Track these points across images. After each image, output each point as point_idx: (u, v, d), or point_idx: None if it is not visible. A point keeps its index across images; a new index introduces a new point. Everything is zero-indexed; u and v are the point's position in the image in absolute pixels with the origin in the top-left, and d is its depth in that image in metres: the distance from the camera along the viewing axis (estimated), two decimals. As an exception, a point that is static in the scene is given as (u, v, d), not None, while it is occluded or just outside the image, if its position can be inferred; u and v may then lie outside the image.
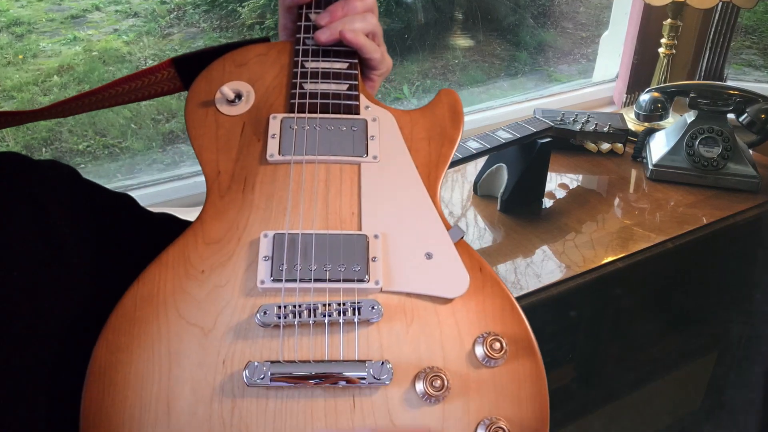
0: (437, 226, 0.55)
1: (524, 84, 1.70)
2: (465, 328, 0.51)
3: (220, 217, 0.54)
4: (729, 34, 1.45)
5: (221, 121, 0.59)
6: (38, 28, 1.31)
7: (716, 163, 1.20)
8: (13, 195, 0.52)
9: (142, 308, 0.49)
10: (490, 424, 0.47)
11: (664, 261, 1.08)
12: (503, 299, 0.53)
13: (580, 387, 1.20)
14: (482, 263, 0.54)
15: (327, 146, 0.58)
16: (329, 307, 0.50)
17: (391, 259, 0.53)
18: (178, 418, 0.46)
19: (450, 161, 0.60)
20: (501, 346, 0.49)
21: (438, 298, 0.52)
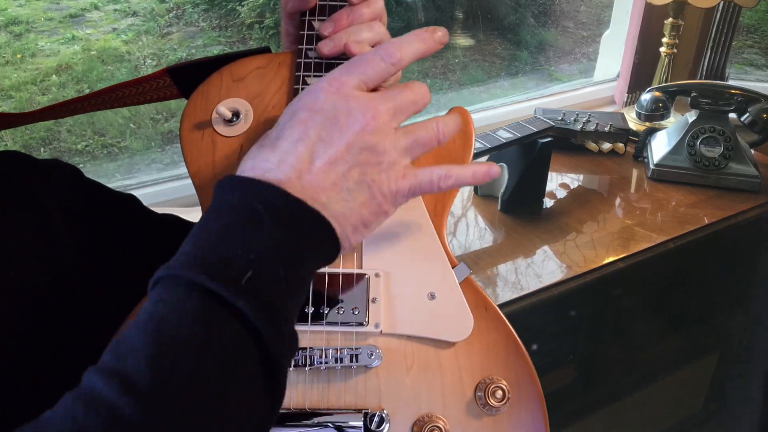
0: (442, 264, 0.53)
1: (525, 83, 1.70)
2: (467, 373, 0.50)
3: None
4: (730, 33, 1.45)
5: (218, 142, 0.56)
6: (37, 27, 1.31)
7: (718, 163, 1.19)
8: (14, 195, 0.52)
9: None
10: None
11: (666, 261, 1.08)
12: (508, 341, 0.51)
13: (580, 388, 1.20)
14: (487, 302, 0.53)
15: None
16: (326, 354, 0.49)
17: (392, 300, 0.51)
18: None
19: (456, 194, 0.57)
20: (503, 395, 0.48)
21: (440, 341, 0.50)
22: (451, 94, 1.55)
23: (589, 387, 1.22)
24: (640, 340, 1.26)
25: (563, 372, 1.16)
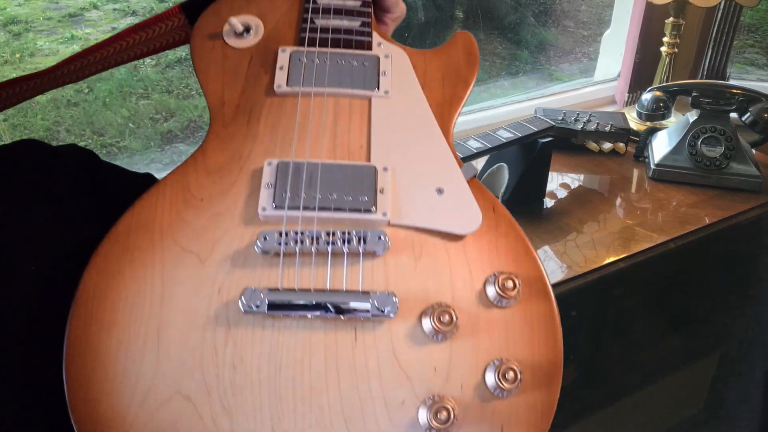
0: (449, 161, 0.53)
1: (525, 83, 1.69)
2: (476, 266, 0.49)
3: (223, 146, 0.53)
4: (731, 32, 1.44)
5: (228, 53, 0.58)
6: (35, 26, 1.31)
7: (719, 163, 1.19)
8: (36, 182, 0.53)
9: (136, 235, 0.48)
10: (500, 365, 0.45)
11: (666, 261, 1.07)
12: (517, 240, 0.51)
13: (581, 388, 1.19)
14: (496, 203, 0.53)
15: (337, 79, 0.57)
16: (333, 235, 0.47)
17: (400, 192, 0.51)
18: (169, 345, 0.44)
19: (463, 103, 0.59)
20: (514, 285, 0.47)
21: (448, 234, 0.50)
22: (451, 94, 1.55)
23: (590, 387, 1.22)
24: (641, 341, 1.25)
25: (564, 372, 1.15)
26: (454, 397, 0.45)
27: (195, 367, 0.44)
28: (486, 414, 0.45)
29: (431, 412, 0.43)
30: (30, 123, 1.22)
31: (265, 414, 0.43)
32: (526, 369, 0.46)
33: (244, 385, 0.44)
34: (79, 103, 1.25)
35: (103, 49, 0.61)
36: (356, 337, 0.46)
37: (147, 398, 0.43)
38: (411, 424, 0.44)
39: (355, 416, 0.44)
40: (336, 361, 0.45)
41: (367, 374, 0.45)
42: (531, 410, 0.45)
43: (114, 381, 0.43)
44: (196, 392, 0.43)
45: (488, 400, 0.45)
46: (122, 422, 0.42)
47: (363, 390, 0.44)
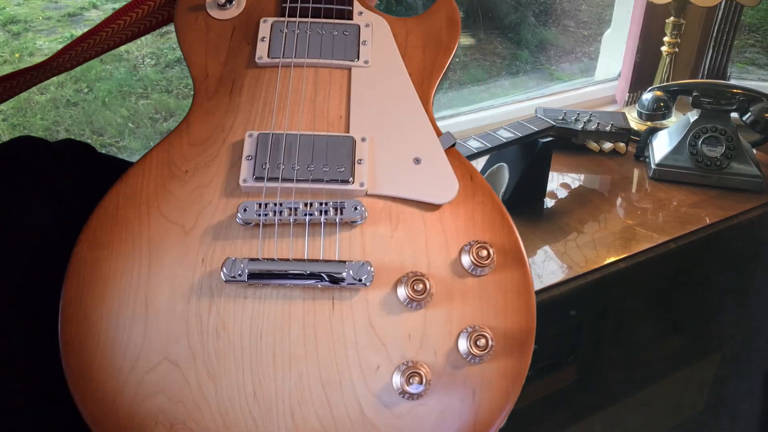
0: (427, 131, 0.54)
1: (526, 83, 1.69)
2: (452, 235, 0.50)
3: (206, 118, 0.54)
4: (732, 32, 1.44)
5: (211, 24, 0.59)
6: (35, 26, 1.31)
7: (719, 163, 1.19)
8: (34, 177, 0.53)
9: (124, 207, 0.50)
10: (472, 332, 0.46)
11: (667, 261, 1.07)
12: (494, 209, 0.52)
13: (581, 389, 1.19)
14: (473, 171, 0.53)
15: (317, 50, 0.57)
16: (311, 206, 0.49)
17: (377, 163, 0.52)
18: (156, 313, 0.46)
19: (445, 71, 0.59)
20: (488, 254, 0.48)
21: (425, 203, 0.51)
22: (451, 93, 1.55)
23: (590, 388, 1.22)
24: (642, 341, 1.25)
25: (564, 373, 1.15)
26: (427, 363, 0.46)
27: (181, 334, 0.46)
28: (458, 379, 0.46)
29: (405, 377, 0.45)
30: (29, 123, 1.21)
31: (246, 378, 0.45)
32: (499, 336, 0.47)
33: (227, 351, 0.46)
34: (79, 103, 1.25)
35: (95, 35, 0.61)
36: (333, 305, 0.47)
37: (137, 364, 0.45)
38: (386, 388, 0.45)
39: (332, 381, 0.45)
40: (314, 329, 0.47)
41: (343, 341, 0.46)
42: (502, 376, 0.47)
43: (106, 348, 0.45)
44: (183, 358, 0.45)
45: (461, 366, 0.46)
46: (114, 386, 0.45)
47: (340, 356, 0.46)
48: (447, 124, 1.34)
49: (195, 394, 0.45)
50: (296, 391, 0.45)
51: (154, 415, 0.44)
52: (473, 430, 0.46)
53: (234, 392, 0.45)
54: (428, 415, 0.46)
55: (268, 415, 0.45)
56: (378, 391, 0.46)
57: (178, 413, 0.44)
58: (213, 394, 0.45)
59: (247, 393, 0.45)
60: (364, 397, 0.45)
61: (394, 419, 0.45)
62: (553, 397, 1.14)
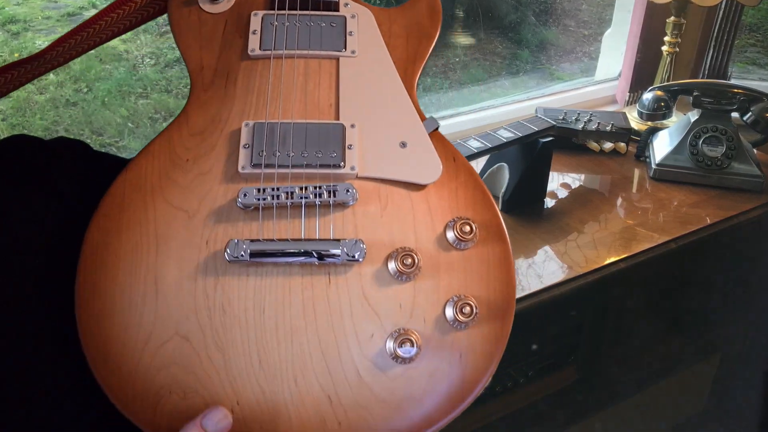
0: (412, 116, 0.58)
1: (526, 82, 1.69)
2: (437, 212, 0.54)
3: (204, 109, 0.57)
4: (733, 32, 1.44)
5: (204, 18, 0.61)
6: (34, 26, 1.31)
7: (720, 163, 1.19)
8: (27, 178, 0.54)
9: (130, 195, 0.53)
10: (458, 300, 0.50)
11: (667, 261, 1.07)
12: (475, 187, 0.55)
13: (582, 389, 1.19)
14: (456, 153, 0.57)
15: (306, 41, 0.60)
16: (306, 190, 0.52)
17: (366, 147, 0.56)
18: (166, 292, 0.49)
19: (427, 58, 0.62)
20: (471, 229, 0.52)
21: (412, 184, 0.55)
22: (451, 93, 1.55)
23: (591, 388, 1.22)
24: (642, 341, 1.25)
25: (564, 373, 1.15)
26: (417, 330, 0.50)
27: (190, 311, 0.49)
28: (446, 344, 0.50)
29: (397, 342, 0.49)
30: (28, 122, 1.21)
31: (252, 349, 0.49)
32: (483, 304, 0.51)
33: (233, 325, 0.49)
34: (78, 103, 1.25)
35: (88, 28, 0.62)
36: (330, 280, 0.51)
37: (150, 339, 0.49)
38: (380, 353, 0.49)
39: (331, 349, 0.49)
40: (312, 302, 0.50)
41: (340, 312, 0.50)
42: (486, 340, 0.51)
43: (120, 325, 0.49)
44: (193, 332, 0.49)
45: (448, 331, 0.50)
46: (130, 360, 0.48)
47: (337, 326, 0.50)
48: (447, 123, 1.34)
49: (205, 364, 0.48)
50: (298, 359, 0.49)
51: (169, 385, 0.48)
52: (461, 389, 0.50)
53: (241, 362, 0.48)
54: (419, 376, 0.49)
55: (273, 382, 0.49)
56: (373, 356, 0.49)
57: (191, 383, 0.48)
58: (222, 365, 0.48)
59: (253, 362, 0.49)
60: (360, 362, 0.49)
61: (388, 381, 0.49)
62: (554, 397, 1.13)
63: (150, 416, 0.47)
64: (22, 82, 0.61)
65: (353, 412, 0.48)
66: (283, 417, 0.48)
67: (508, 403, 1.08)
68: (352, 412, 0.48)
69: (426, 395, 0.49)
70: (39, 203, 0.53)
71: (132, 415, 0.47)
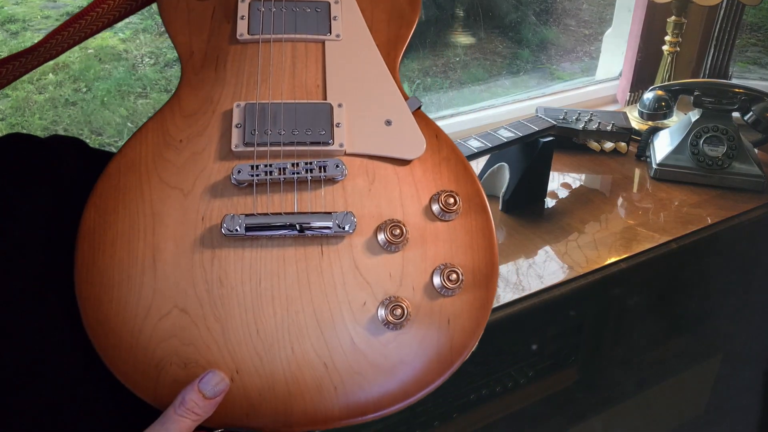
0: (396, 96, 0.60)
1: (526, 82, 1.69)
2: (422, 186, 0.56)
3: (195, 92, 0.59)
4: (734, 31, 1.44)
5: (192, 6, 0.63)
6: (33, 25, 1.30)
7: (721, 163, 1.19)
8: (26, 173, 0.55)
9: (125, 175, 0.54)
10: (444, 268, 0.52)
11: (668, 262, 1.07)
12: (458, 162, 0.58)
13: (583, 390, 1.19)
14: (438, 131, 0.59)
15: (293, 26, 0.63)
16: (297, 166, 0.54)
17: (353, 125, 0.58)
18: (164, 267, 0.51)
19: (407, 42, 0.65)
20: (455, 201, 0.55)
21: (397, 159, 0.57)
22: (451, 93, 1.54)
23: (591, 389, 1.21)
24: (643, 342, 1.25)
25: (565, 374, 1.15)
26: (407, 298, 0.52)
27: (188, 285, 0.51)
28: (434, 310, 0.53)
29: (388, 309, 0.51)
30: (27, 122, 1.21)
31: (249, 319, 0.51)
32: (468, 272, 0.54)
33: (230, 296, 0.51)
34: (77, 103, 1.25)
35: (82, 19, 0.63)
36: (322, 251, 0.53)
37: (149, 313, 0.50)
38: (372, 321, 0.52)
39: (325, 317, 0.51)
40: (306, 272, 0.52)
41: (333, 282, 0.52)
42: (472, 306, 0.53)
43: (120, 301, 0.50)
44: (191, 305, 0.50)
45: (436, 298, 0.53)
46: (130, 334, 0.50)
47: (330, 295, 0.52)
48: (448, 123, 1.34)
49: (204, 335, 0.50)
50: (294, 328, 0.51)
51: (169, 357, 0.49)
52: (450, 352, 0.52)
53: (239, 332, 0.50)
54: (410, 341, 0.52)
55: (270, 350, 0.50)
56: (366, 323, 0.52)
57: (190, 353, 0.50)
58: (221, 335, 0.50)
59: (250, 332, 0.50)
60: (353, 329, 0.51)
61: (381, 347, 0.51)
62: (554, 398, 1.13)
63: (152, 388, 0.49)
64: (15, 76, 0.61)
65: (348, 377, 0.51)
66: (281, 383, 0.50)
67: (508, 404, 1.08)
68: (347, 377, 0.51)
69: (417, 359, 0.52)
70: (37, 199, 0.54)
71: (134, 387, 0.49)
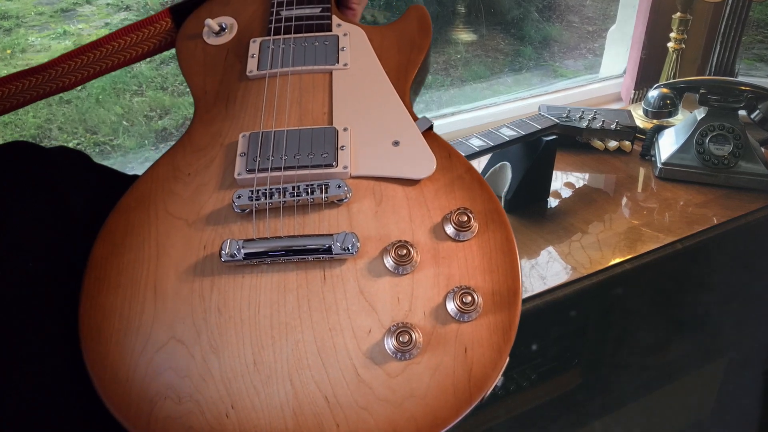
0: (404, 117, 0.59)
1: (529, 80, 1.67)
2: (434, 205, 0.54)
3: (206, 128, 0.60)
4: (740, 28, 1.42)
5: (208, 50, 0.66)
6: (27, 22, 1.30)
7: (727, 162, 1.18)
8: (29, 183, 0.56)
9: (135, 209, 0.55)
10: (458, 291, 0.49)
11: (673, 262, 1.06)
12: (472, 179, 0.55)
13: (586, 393, 1.18)
14: (451, 150, 0.57)
15: (301, 59, 0.64)
16: (298, 188, 0.53)
17: (358, 148, 0.57)
18: (164, 298, 0.50)
19: (419, 67, 0.64)
20: (468, 219, 0.51)
21: (406, 180, 0.55)
22: (453, 91, 1.53)
23: (595, 392, 1.21)
24: (647, 344, 1.24)
25: (568, 376, 1.14)
26: (417, 324, 0.48)
27: (186, 314, 0.50)
28: (449, 337, 0.48)
29: (395, 337, 0.47)
30: (21, 121, 1.21)
31: (247, 349, 0.48)
32: (487, 295, 0.50)
33: (228, 326, 0.49)
34: (72, 101, 1.24)
35: (97, 49, 0.65)
36: (324, 276, 0.51)
37: (147, 345, 0.49)
38: (378, 350, 0.48)
39: (327, 346, 0.48)
40: (308, 299, 0.50)
41: (335, 308, 0.49)
42: (493, 332, 0.49)
43: (120, 333, 0.50)
44: (188, 335, 0.49)
45: (450, 324, 0.49)
46: (128, 367, 0.48)
47: (333, 322, 0.49)
48: (448, 122, 1.34)
49: (200, 368, 0.48)
50: (293, 358, 0.48)
51: (164, 391, 0.47)
52: (468, 385, 0.47)
53: (236, 363, 0.48)
54: (422, 372, 0.47)
55: (268, 383, 0.47)
56: (371, 353, 0.48)
57: (185, 387, 0.47)
58: (217, 367, 0.48)
59: (248, 363, 0.48)
60: (358, 359, 0.48)
61: (388, 378, 0.47)
62: (557, 401, 1.13)
63: (144, 423, 0.47)
64: (26, 98, 0.63)
65: (352, 413, 0.46)
66: (279, 420, 0.47)
67: (511, 407, 1.07)
68: (351, 413, 0.46)
69: (429, 393, 0.47)
70: (39, 208, 0.54)
71: (127, 422, 0.47)
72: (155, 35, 0.68)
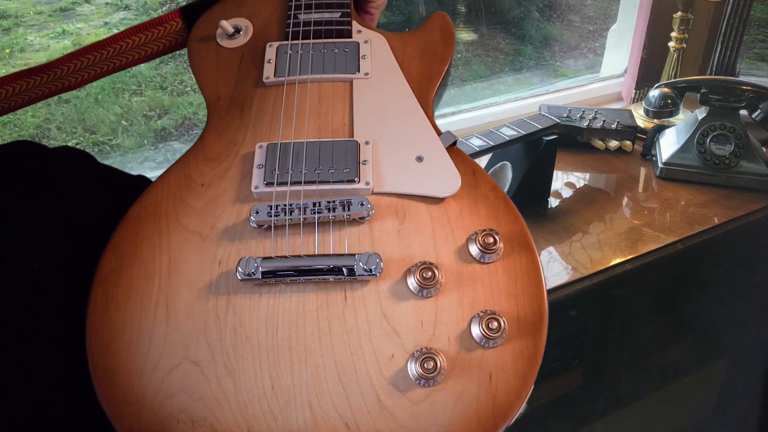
0: (428, 131, 0.57)
1: (529, 79, 1.67)
2: (458, 225, 0.52)
3: (220, 136, 0.58)
4: (741, 27, 1.42)
5: (221, 53, 0.64)
6: (25, 21, 1.30)
7: (728, 161, 1.17)
8: (32, 183, 0.55)
9: (145, 219, 0.53)
10: (484, 316, 0.47)
11: (674, 263, 1.06)
12: (497, 199, 0.54)
13: (587, 393, 1.18)
14: (475, 167, 0.56)
15: (320, 66, 0.62)
16: (319, 205, 0.51)
17: (381, 163, 0.55)
18: (176, 316, 0.48)
19: (442, 78, 0.62)
20: (494, 241, 0.50)
21: (430, 198, 0.53)
22: (453, 90, 1.53)
23: (596, 392, 1.21)
24: (648, 344, 1.24)
25: (569, 377, 1.14)
26: (441, 349, 0.47)
27: (200, 334, 0.48)
28: (474, 363, 0.47)
29: (419, 363, 0.45)
30: (20, 120, 1.20)
31: (264, 373, 0.46)
32: (512, 320, 0.48)
33: (245, 347, 0.47)
34: (71, 100, 1.24)
35: (103, 49, 0.63)
36: (345, 297, 0.49)
37: (158, 365, 0.47)
38: (401, 376, 0.46)
39: (348, 371, 0.46)
40: (328, 321, 0.48)
41: (357, 331, 0.48)
42: (518, 358, 0.47)
43: (129, 351, 0.47)
44: (202, 357, 0.47)
45: (475, 350, 0.47)
46: (138, 387, 0.46)
47: (354, 346, 0.47)
48: (449, 121, 1.33)
49: (215, 391, 0.46)
50: (313, 383, 0.46)
51: (176, 414, 0.45)
52: (493, 413, 0.46)
53: (252, 387, 0.46)
54: (445, 400, 0.46)
55: (286, 408, 0.46)
56: (393, 379, 0.46)
57: (199, 410, 0.46)
58: (232, 390, 0.46)
59: (265, 387, 0.46)
60: (380, 385, 0.46)
61: (411, 406, 0.45)
62: (558, 401, 1.13)
63: None
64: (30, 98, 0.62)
65: None
66: None
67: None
68: None
69: (453, 421, 0.45)
70: (42, 208, 0.54)
71: None
72: (165, 36, 0.66)
